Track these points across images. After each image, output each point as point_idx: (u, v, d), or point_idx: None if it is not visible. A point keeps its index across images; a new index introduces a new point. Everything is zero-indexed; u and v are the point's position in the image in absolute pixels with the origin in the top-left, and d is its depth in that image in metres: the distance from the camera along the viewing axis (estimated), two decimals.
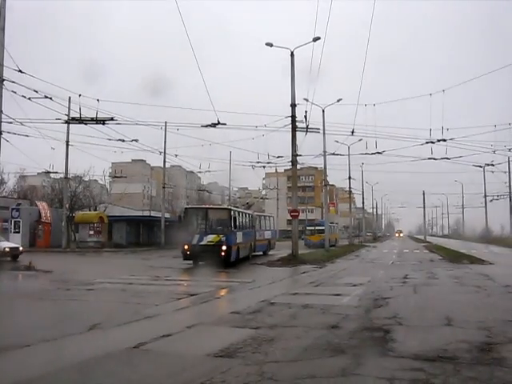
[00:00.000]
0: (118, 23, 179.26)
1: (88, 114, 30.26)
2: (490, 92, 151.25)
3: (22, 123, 27.58)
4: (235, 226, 26.27)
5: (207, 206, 29.35)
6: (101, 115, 30.09)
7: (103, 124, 30.87)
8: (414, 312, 11.18)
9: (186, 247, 24.69)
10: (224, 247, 24.50)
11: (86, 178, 55.49)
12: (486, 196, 73.80)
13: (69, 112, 33.47)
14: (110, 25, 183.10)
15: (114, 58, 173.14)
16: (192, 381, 5.74)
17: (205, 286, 16.56)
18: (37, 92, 26.23)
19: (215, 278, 19.66)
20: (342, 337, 8.25)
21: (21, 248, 28.20)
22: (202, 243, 24.46)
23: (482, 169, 48.78)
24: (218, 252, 24.19)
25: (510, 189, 59.67)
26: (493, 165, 45.17)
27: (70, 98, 33.33)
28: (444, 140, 32.74)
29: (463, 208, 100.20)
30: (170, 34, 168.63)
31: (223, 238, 24.70)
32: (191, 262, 25.24)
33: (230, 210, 27.70)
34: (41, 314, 11.23)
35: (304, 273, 22.19)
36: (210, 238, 24.70)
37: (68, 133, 38.50)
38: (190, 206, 30.83)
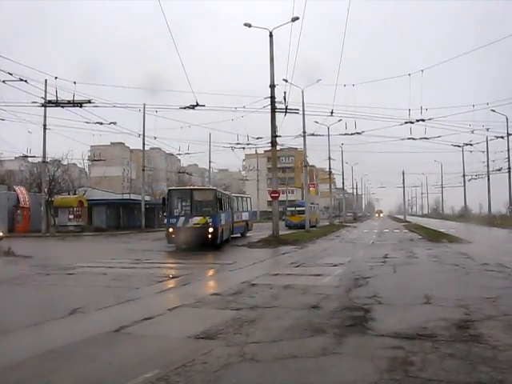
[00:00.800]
0: (93, 8, 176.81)
1: (65, 97, 29.97)
2: (469, 72, 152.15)
3: None
4: (220, 208, 25.77)
5: (192, 187, 28.36)
6: (78, 98, 29.84)
7: (80, 107, 30.64)
8: (394, 291, 11.30)
9: (170, 230, 24.09)
10: (211, 229, 24.04)
11: (65, 162, 54.94)
12: (464, 175, 74.76)
13: (45, 95, 33.18)
14: (84, 10, 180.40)
15: (92, 41, 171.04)
16: (174, 363, 5.75)
17: (185, 268, 16.58)
18: (11, 75, 25.87)
19: (196, 261, 19.66)
20: (322, 316, 8.32)
21: (1, 233, 27.89)
22: (187, 225, 23.92)
23: (460, 148, 49.47)
24: (204, 234, 23.84)
25: (488, 168, 60.25)
26: (471, 144, 45.80)
27: (46, 80, 33.02)
28: (423, 120, 33.00)
29: (442, 187, 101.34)
30: (147, 14, 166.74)
31: (209, 220, 24.19)
32: (176, 245, 24.60)
33: (216, 190, 27.15)
34: (21, 300, 11.15)
35: (285, 254, 22.30)
36: (196, 220, 24.14)
37: (45, 116, 38.09)
38: (173, 188, 29.03)
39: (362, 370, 5.55)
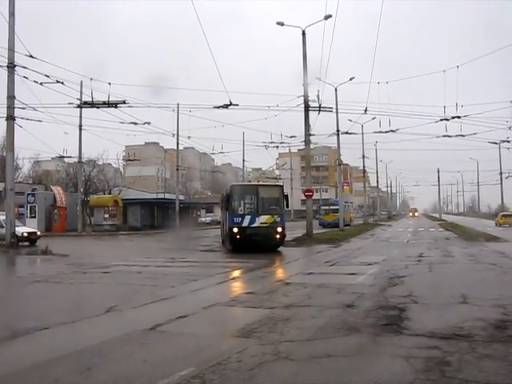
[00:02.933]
0: (128, 9, 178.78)
1: (100, 98, 30.31)
2: (506, 67, 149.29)
3: (34, 108, 27.57)
4: (286, 205, 23.95)
5: (257, 183, 26.70)
6: (113, 99, 30.15)
7: (115, 107, 30.89)
8: (430, 290, 11.16)
9: (235, 230, 21.91)
10: (279, 229, 22.55)
11: (100, 162, 55.85)
12: (501, 173, 73.20)
13: (81, 96, 33.54)
14: (120, 10, 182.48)
15: (126, 44, 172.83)
16: (208, 361, 5.77)
17: (220, 267, 16.67)
18: (48, 77, 26.26)
19: (229, 260, 19.73)
20: (357, 316, 8.27)
21: (38, 233, 28.45)
22: (253, 225, 22.08)
23: (497, 145, 48.47)
24: (272, 234, 22.25)
25: None
26: (508, 141, 44.72)
27: (81, 82, 33.42)
28: (458, 117, 32.45)
29: (478, 185, 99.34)
30: (181, 16, 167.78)
31: (278, 219, 22.61)
32: (237, 246, 22.45)
33: (282, 187, 25.44)
34: (58, 298, 11.37)
35: (319, 252, 22.24)
36: (264, 218, 22.27)
37: (81, 117, 38.66)
38: (236, 184, 26.33)
39: (398, 369, 5.49)
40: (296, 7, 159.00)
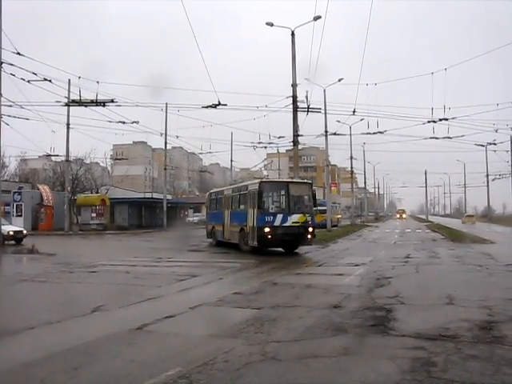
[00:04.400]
0: (116, 8, 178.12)
1: (88, 96, 30.24)
2: (493, 70, 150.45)
3: (22, 106, 27.59)
4: (315, 204, 22.99)
5: (287, 180, 25.43)
6: (101, 98, 30.07)
7: (103, 106, 30.84)
8: (416, 291, 11.22)
9: (267, 230, 20.49)
10: (310, 228, 21.47)
11: (88, 161, 55.54)
12: (488, 175, 73.79)
13: (69, 94, 33.47)
14: (108, 8, 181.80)
15: (114, 43, 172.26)
16: (195, 361, 5.78)
17: (207, 267, 16.64)
18: (36, 74, 26.16)
19: (216, 260, 19.70)
20: (344, 316, 8.30)
21: (24, 231, 28.27)
22: (285, 224, 20.80)
23: (484, 148, 48.97)
24: (303, 234, 21.21)
25: (511, 168, 59.53)
26: (495, 144, 45.24)
27: (69, 80, 33.32)
28: (446, 119, 32.69)
29: (465, 187, 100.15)
30: (170, 16, 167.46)
31: (309, 218, 21.53)
32: (269, 247, 21.66)
33: (311, 184, 24.18)
34: (45, 297, 11.32)
35: (306, 253, 22.23)
36: (296, 217, 21.06)
37: (68, 115, 38.54)
38: (266, 180, 24.87)
39: (384, 370, 5.53)
40: (286, 7, 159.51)
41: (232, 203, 24.51)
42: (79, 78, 29.84)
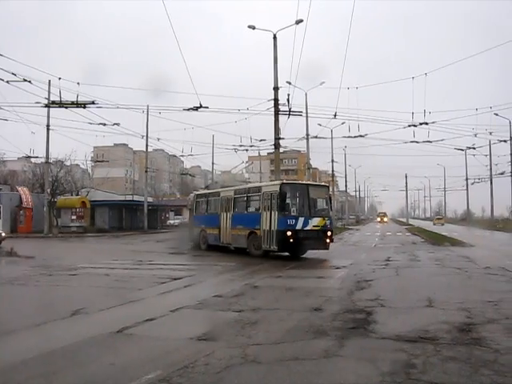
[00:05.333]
0: (96, 9, 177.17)
1: (69, 97, 30.05)
2: (472, 75, 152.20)
3: (0, 107, 27.22)
4: (331, 207, 22.69)
5: (307, 182, 24.22)
6: (82, 99, 29.91)
7: (84, 108, 30.70)
8: (396, 294, 11.30)
9: (289, 234, 19.65)
10: (329, 232, 21.01)
11: (68, 163, 55.15)
12: (467, 179, 74.68)
13: (49, 96, 33.28)
14: (88, 10, 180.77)
15: (95, 45, 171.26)
16: (176, 364, 5.76)
17: (188, 269, 16.59)
18: (15, 75, 25.93)
19: (198, 262, 19.67)
20: (324, 319, 8.32)
21: (3, 234, 27.90)
22: (306, 228, 20.15)
23: (463, 152, 49.53)
24: (322, 238, 20.51)
25: (490, 172, 60.24)
26: (474, 148, 45.91)
27: (49, 81, 33.16)
28: (426, 123, 33.07)
29: (445, 191, 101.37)
30: (149, 15, 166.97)
31: (328, 222, 21.15)
32: (288, 252, 21.09)
33: (328, 187, 23.86)
34: (23, 300, 11.18)
35: (285, 257, 22.24)
36: (316, 221, 20.49)
37: (48, 117, 38.25)
38: (287, 181, 23.23)
39: (364, 372, 5.56)
40: (268, 9, 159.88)
41: (235, 205, 23.45)
42: (59, 79, 29.71)
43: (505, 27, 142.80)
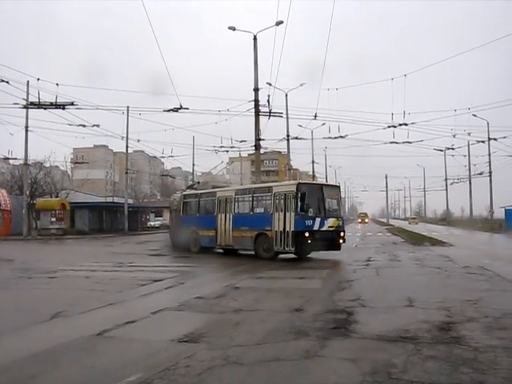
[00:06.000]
0: (74, 8, 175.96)
1: (48, 98, 29.82)
2: (451, 77, 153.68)
3: None
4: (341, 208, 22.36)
5: (321, 183, 23.69)
6: (61, 100, 29.69)
7: (63, 109, 30.53)
8: (377, 294, 11.36)
9: (307, 234, 19.38)
10: (342, 233, 21.03)
11: (47, 164, 54.72)
12: (446, 179, 75.50)
13: (27, 97, 33.00)
14: (68, 9, 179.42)
15: (73, 43, 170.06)
16: (157, 366, 5.73)
17: (169, 271, 16.51)
18: None
19: (178, 264, 19.59)
20: (305, 319, 8.34)
21: None
22: (322, 229, 20.04)
23: (442, 152, 50.06)
24: (336, 239, 20.53)
25: (469, 172, 60.86)
26: (453, 149, 46.41)
27: (28, 82, 32.91)
28: (406, 124, 33.39)
29: (425, 191, 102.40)
30: (130, 19, 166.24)
31: (341, 222, 21.18)
32: (305, 253, 20.70)
33: (340, 187, 23.68)
34: (2, 304, 11.02)
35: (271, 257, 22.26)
36: (331, 222, 20.41)
37: (27, 118, 37.88)
38: (304, 182, 22.78)
39: (345, 372, 5.58)
40: (249, 11, 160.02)
41: (238, 206, 22.95)
42: (38, 79, 29.48)
43: (484, 29, 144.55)
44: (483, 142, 47.79)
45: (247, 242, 21.66)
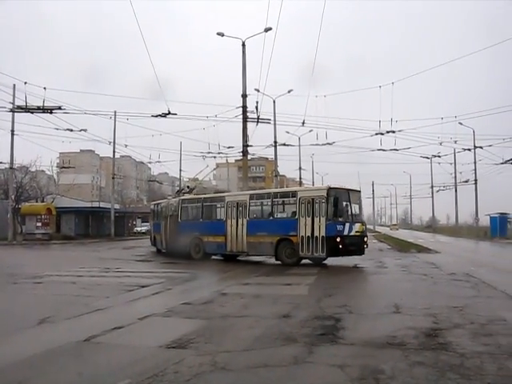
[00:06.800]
0: (64, 13, 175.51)
1: (35, 102, 29.70)
2: (438, 85, 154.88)
3: None
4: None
5: (349, 188, 22.64)
6: (48, 104, 29.57)
7: (50, 113, 30.39)
8: (364, 300, 11.44)
9: (338, 240, 19.22)
10: (366, 238, 21.13)
11: (33, 169, 54.34)
12: (432, 187, 75.89)
13: (13, 100, 32.79)
14: (58, 14, 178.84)
15: (63, 49, 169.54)
16: (145, 372, 5.71)
17: (156, 277, 16.46)
18: None
19: (165, 270, 19.54)
20: (293, 326, 8.35)
21: None
22: (351, 234, 19.94)
23: (429, 160, 50.50)
24: (361, 244, 20.55)
25: (455, 180, 61.25)
26: (439, 156, 46.85)
27: (14, 85, 32.71)
28: (393, 131, 33.63)
29: (411, 198, 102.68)
30: (120, 24, 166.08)
31: (364, 228, 21.35)
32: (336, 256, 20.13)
33: (361, 192, 23.29)
34: None
35: (255, 263, 22.27)
36: (357, 227, 20.38)
37: (13, 121, 37.67)
38: (334, 187, 21.31)
39: (333, 378, 5.59)
40: (239, 17, 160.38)
41: (253, 211, 22.32)
42: (25, 83, 29.32)
43: (469, 39, 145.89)
44: (469, 150, 48.14)
45: (266, 248, 21.14)
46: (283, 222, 20.93)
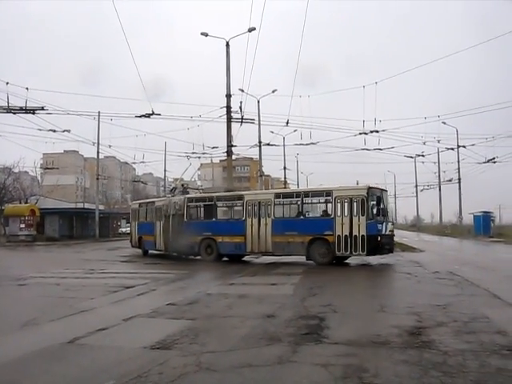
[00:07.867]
0: (49, 14, 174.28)
1: (17, 103, 29.46)
2: (421, 84, 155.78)
3: None
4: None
5: (383, 188, 22.70)
6: (31, 105, 29.36)
7: (33, 114, 30.14)
8: (348, 299, 11.46)
9: (379, 239, 19.35)
10: (393, 237, 21.83)
11: (16, 170, 54.01)
12: (417, 186, 76.08)
13: None
14: (42, 15, 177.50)
15: (49, 50, 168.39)
16: (129, 374, 5.70)
17: (140, 278, 16.41)
18: None
19: (150, 270, 19.48)
20: (278, 325, 8.36)
21: None
22: (386, 233, 20.26)
23: (413, 159, 50.82)
24: (391, 243, 21.27)
25: (439, 179, 61.66)
26: (423, 155, 47.18)
27: None
28: (377, 131, 33.80)
29: (395, 197, 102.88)
30: (104, 25, 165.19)
31: (393, 227, 21.85)
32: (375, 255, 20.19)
33: (387, 192, 23.19)
34: None
35: (240, 263, 22.27)
36: (389, 226, 20.85)
37: None
38: (373, 186, 21.26)
39: (317, 377, 5.61)
40: (223, 17, 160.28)
41: (279, 210, 21.86)
42: (7, 83, 29.06)
43: (452, 39, 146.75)
44: (452, 149, 48.50)
45: (295, 248, 20.79)
46: (316, 222, 20.81)
